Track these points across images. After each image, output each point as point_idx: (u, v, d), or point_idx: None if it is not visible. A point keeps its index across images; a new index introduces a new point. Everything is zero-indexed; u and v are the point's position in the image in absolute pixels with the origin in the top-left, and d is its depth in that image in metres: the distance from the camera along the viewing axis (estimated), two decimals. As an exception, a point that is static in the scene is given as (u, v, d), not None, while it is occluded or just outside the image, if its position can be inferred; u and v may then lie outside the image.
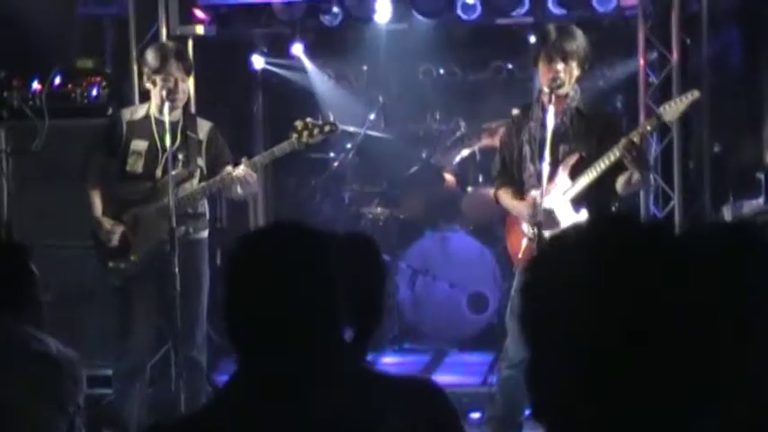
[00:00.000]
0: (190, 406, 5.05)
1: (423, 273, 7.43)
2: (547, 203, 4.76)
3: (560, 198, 4.84)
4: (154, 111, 5.28)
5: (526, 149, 4.97)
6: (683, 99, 4.89)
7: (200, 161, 5.39)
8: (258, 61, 8.53)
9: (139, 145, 5.30)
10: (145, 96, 5.77)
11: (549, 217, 4.77)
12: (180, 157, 5.32)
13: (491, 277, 7.33)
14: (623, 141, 4.68)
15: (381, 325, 2.58)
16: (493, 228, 7.35)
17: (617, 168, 4.76)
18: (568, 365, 1.31)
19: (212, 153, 5.42)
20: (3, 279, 3.17)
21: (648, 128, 5.05)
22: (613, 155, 4.70)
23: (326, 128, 5.40)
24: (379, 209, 7.86)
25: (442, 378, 6.47)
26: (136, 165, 5.30)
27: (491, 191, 5.37)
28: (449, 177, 8.10)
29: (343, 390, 2.09)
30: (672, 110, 4.86)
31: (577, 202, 4.82)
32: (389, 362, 6.98)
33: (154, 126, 5.26)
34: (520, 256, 4.93)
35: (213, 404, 2.22)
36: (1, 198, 6.31)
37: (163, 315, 5.30)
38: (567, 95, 4.88)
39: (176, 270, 5.00)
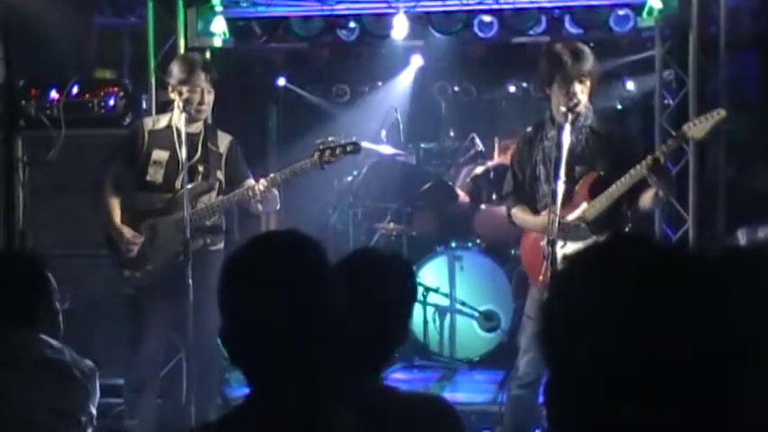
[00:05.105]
0: (200, 419, 5.04)
1: (434, 290, 7.43)
2: (567, 219, 4.74)
3: (580, 217, 4.80)
4: (176, 121, 5.29)
5: (540, 170, 4.93)
6: (709, 117, 4.78)
7: (220, 174, 5.39)
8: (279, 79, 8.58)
9: (161, 155, 5.31)
10: (163, 107, 5.78)
11: (568, 236, 4.73)
12: (200, 169, 5.33)
13: (503, 295, 7.32)
14: (648, 160, 4.62)
15: (402, 344, 2.58)
16: (506, 246, 7.35)
17: (635, 187, 4.72)
18: (586, 384, 1.32)
19: (232, 166, 5.43)
20: (19, 288, 3.18)
21: (671, 146, 4.99)
22: (635, 173, 4.65)
23: (348, 147, 5.38)
24: (391, 225, 7.86)
25: (452, 396, 6.45)
26: (156, 175, 5.30)
27: (504, 209, 5.32)
28: (462, 195, 8.10)
29: (355, 411, 2.08)
30: (698, 128, 4.76)
31: (595, 221, 4.78)
32: (400, 378, 6.96)
33: (175, 137, 5.27)
34: (540, 278, 4.81)
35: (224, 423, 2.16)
36: (16, 207, 6.32)
37: (176, 326, 5.30)
38: (580, 114, 4.86)
39: (190, 281, 5.00)
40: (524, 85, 9.03)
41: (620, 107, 8.65)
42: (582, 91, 4.79)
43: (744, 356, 1.33)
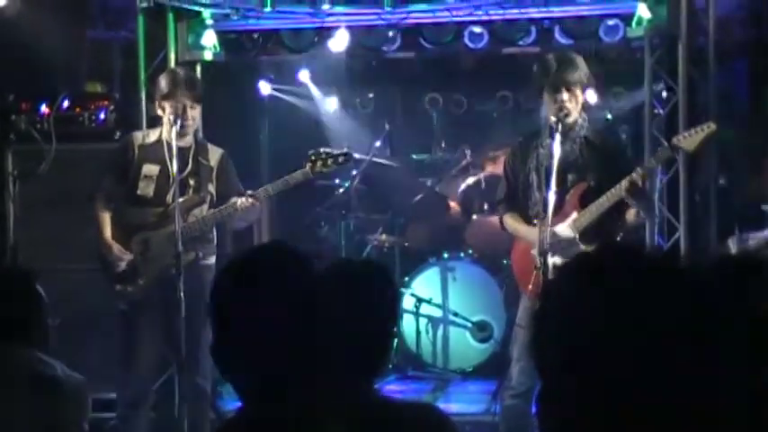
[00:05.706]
0: (192, 433, 5.04)
1: (427, 301, 7.43)
2: (556, 232, 4.75)
3: (569, 227, 4.82)
4: (166, 135, 5.30)
5: (533, 177, 4.95)
6: (699, 131, 4.83)
7: (211, 187, 5.40)
8: (265, 87, 8.59)
9: (151, 169, 5.32)
10: (154, 121, 5.79)
11: (559, 246, 4.74)
12: (191, 182, 5.34)
13: (495, 305, 7.32)
14: (624, 183, 4.65)
15: (391, 352, 2.57)
16: (497, 256, 7.35)
17: (623, 200, 4.74)
18: (579, 393, 1.32)
19: (223, 180, 5.44)
20: (10, 303, 3.17)
21: (661, 158, 5.00)
22: (614, 192, 4.69)
23: (340, 158, 5.41)
24: (383, 236, 7.87)
25: (446, 406, 6.45)
26: (147, 189, 5.31)
27: (496, 219, 5.34)
28: (454, 206, 8.11)
29: (349, 421, 2.07)
30: (689, 140, 4.81)
31: (585, 232, 4.80)
32: (393, 389, 6.96)
33: (166, 151, 5.28)
34: (530, 287, 4.83)
35: None
36: (7, 221, 6.32)
37: (168, 340, 5.29)
38: (575, 123, 4.88)
39: (182, 295, 4.99)
40: (515, 95, 9.03)
41: (609, 117, 8.66)
42: (570, 100, 4.81)
43: (737, 360, 1.33)
